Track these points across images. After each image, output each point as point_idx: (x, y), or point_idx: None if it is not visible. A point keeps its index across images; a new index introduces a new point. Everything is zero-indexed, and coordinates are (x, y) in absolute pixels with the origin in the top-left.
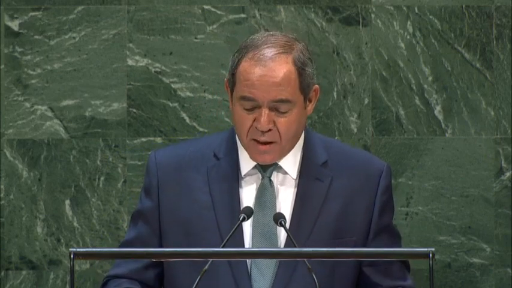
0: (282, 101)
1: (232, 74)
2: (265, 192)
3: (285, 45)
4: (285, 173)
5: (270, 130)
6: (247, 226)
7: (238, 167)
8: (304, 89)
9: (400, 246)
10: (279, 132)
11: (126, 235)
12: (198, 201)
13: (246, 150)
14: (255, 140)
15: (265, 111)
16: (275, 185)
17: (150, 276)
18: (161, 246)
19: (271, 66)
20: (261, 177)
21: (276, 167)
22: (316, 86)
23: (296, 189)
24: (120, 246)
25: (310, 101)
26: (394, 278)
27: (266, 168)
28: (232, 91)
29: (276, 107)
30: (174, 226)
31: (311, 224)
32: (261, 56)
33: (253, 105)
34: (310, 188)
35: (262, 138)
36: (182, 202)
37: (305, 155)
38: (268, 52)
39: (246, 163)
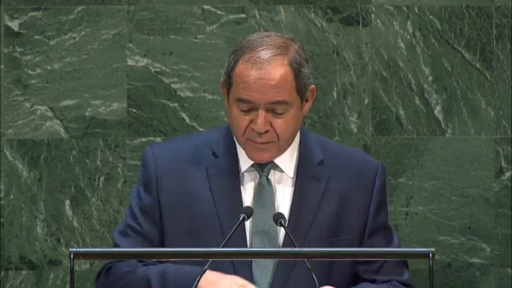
0: (278, 102)
1: (228, 76)
2: (263, 191)
3: (280, 47)
4: (282, 171)
5: (266, 132)
6: (246, 224)
7: (238, 165)
8: (301, 90)
9: (396, 242)
10: (276, 133)
11: (126, 228)
12: (198, 196)
13: (244, 149)
14: (251, 140)
15: (261, 113)
16: (273, 184)
17: None
18: (163, 241)
19: (268, 68)
20: (258, 176)
21: (272, 165)
22: (313, 86)
23: (293, 187)
24: (120, 234)
25: (306, 101)
26: (388, 274)
27: (263, 167)
28: (228, 92)
29: (272, 108)
30: (175, 221)
31: (309, 222)
32: (257, 59)
33: (249, 107)
34: (307, 186)
35: (259, 140)
36: (182, 197)
37: (301, 154)
38: (264, 54)
39: (244, 161)
